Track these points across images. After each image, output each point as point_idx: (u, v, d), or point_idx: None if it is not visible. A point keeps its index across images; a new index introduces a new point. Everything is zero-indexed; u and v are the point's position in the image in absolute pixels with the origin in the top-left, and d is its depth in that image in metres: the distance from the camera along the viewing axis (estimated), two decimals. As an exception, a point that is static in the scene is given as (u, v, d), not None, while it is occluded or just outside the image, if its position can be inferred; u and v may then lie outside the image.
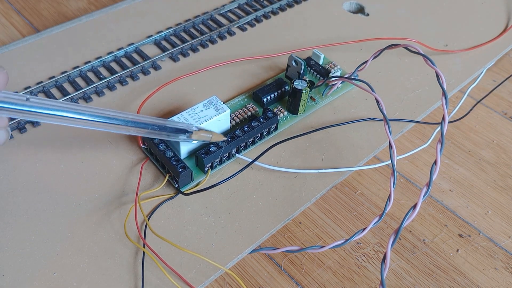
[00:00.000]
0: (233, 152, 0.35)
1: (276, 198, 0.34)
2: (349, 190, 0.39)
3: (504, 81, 0.50)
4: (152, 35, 0.46)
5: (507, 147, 0.44)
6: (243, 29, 0.48)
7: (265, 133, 0.37)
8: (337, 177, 0.36)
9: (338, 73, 0.42)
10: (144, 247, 0.30)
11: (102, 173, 0.35)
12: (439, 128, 0.32)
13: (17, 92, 0.39)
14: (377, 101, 0.34)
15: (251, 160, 0.35)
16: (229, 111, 0.35)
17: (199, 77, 0.42)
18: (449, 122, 0.45)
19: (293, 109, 0.39)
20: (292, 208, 0.34)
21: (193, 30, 0.48)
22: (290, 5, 0.52)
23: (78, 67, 0.42)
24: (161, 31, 0.47)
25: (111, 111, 0.29)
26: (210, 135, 0.33)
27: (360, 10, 0.53)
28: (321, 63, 0.43)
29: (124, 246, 0.31)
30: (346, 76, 0.40)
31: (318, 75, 0.42)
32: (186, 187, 0.34)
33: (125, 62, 0.44)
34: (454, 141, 0.44)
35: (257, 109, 0.39)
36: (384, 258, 0.28)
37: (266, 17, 0.50)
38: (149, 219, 0.32)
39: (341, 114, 0.41)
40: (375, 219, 0.30)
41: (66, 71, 0.42)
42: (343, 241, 0.30)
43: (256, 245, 0.32)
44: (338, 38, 0.48)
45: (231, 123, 0.37)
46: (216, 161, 0.35)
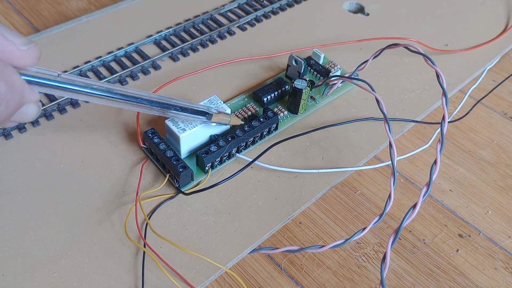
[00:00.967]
0: (233, 151, 0.35)
1: (276, 198, 0.34)
2: (349, 190, 0.39)
3: (504, 81, 0.50)
4: (152, 35, 0.46)
5: (507, 147, 0.44)
6: (243, 29, 0.48)
7: (265, 133, 0.37)
8: (337, 177, 0.36)
9: (338, 73, 0.42)
10: (144, 246, 0.30)
11: (102, 173, 0.35)
12: (439, 128, 0.32)
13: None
14: (377, 101, 0.34)
15: (251, 159, 0.35)
16: (229, 110, 0.35)
17: (199, 77, 0.42)
18: (449, 122, 0.45)
19: (293, 109, 0.39)
20: (292, 208, 0.34)
21: (193, 30, 0.48)
22: (290, 5, 0.52)
23: (78, 66, 0.42)
24: (161, 31, 0.47)
25: (136, 91, 0.30)
26: (228, 119, 0.34)
27: (360, 10, 0.53)
28: (321, 62, 0.43)
29: (124, 246, 0.31)
30: (346, 75, 0.40)
31: (318, 75, 0.42)
32: (186, 186, 0.34)
33: (125, 62, 0.44)
34: (454, 141, 0.44)
35: (257, 109, 0.39)
36: (384, 258, 0.28)
37: (266, 17, 0.50)
38: (149, 219, 0.32)
39: (341, 113, 0.41)
40: (375, 219, 0.30)
41: (66, 71, 0.42)
42: (343, 241, 0.30)
43: (256, 245, 0.32)
44: (338, 38, 0.48)
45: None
46: (216, 160, 0.35)
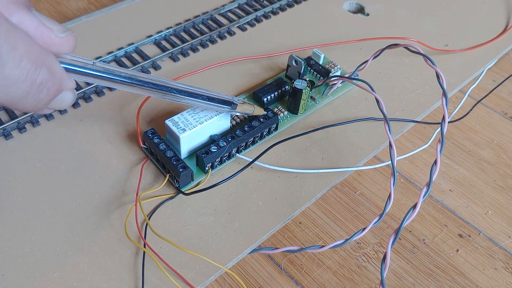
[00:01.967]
0: (233, 152, 0.35)
1: (276, 198, 0.34)
2: (349, 190, 0.39)
3: (504, 81, 0.50)
4: (152, 35, 0.46)
5: (507, 147, 0.44)
6: (243, 29, 0.48)
7: (265, 133, 0.37)
8: (337, 177, 0.36)
9: (338, 73, 0.42)
10: (144, 247, 0.30)
11: (102, 173, 0.35)
12: (439, 128, 0.32)
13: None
14: (377, 101, 0.34)
15: (251, 159, 0.35)
16: (229, 111, 0.35)
17: (199, 77, 0.42)
18: (449, 122, 0.45)
19: (293, 109, 0.39)
20: (292, 208, 0.34)
21: (193, 30, 0.48)
22: (290, 5, 0.52)
23: (78, 67, 0.42)
24: (161, 31, 0.47)
25: (167, 81, 0.30)
26: (252, 108, 0.35)
27: (360, 10, 0.53)
28: (321, 62, 0.43)
29: (124, 246, 0.31)
30: (346, 75, 0.40)
31: (318, 75, 0.42)
32: (186, 187, 0.34)
33: (125, 62, 0.44)
34: (454, 141, 0.44)
35: (257, 109, 0.39)
36: (384, 258, 0.28)
37: (266, 17, 0.50)
38: (149, 219, 0.32)
39: (341, 114, 0.41)
40: (375, 219, 0.30)
41: (66, 71, 0.42)
42: (343, 241, 0.30)
43: (256, 245, 0.32)
44: (338, 38, 0.48)
45: (231, 122, 0.37)
46: (216, 161, 0.35)
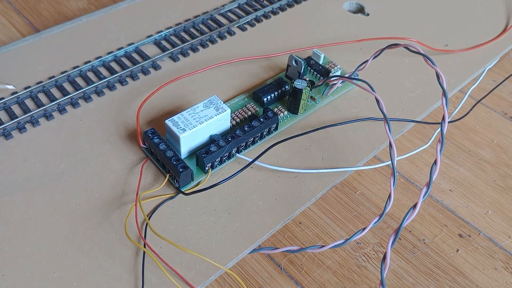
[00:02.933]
0: (233, 151, 0.35)
1: (276, 198, 0.34)
2: (349, 190, 0.39)
3: (504, 81, 0.50)
4: (152, 35, 0.46)
5: (507, 147, 0.44)
6: (243, 29, 0.48)
7: (265, 133, 0.37)
8: (337, 177, 0.36)
9: (338, 73, 0.42)
10: (144, 246, 0.30)
11: (102, 173, 0.35)
12: (439, 128, 0.32)
13: (16, 92, 0.39)
14: (377, 101, 0.34)
15: (251, 159, 0.35)
16: (229, 110, 0.35)
17: (199, 77, 0.42)
18: (449, 122, 0.45)
19: (293, 109, 0.39)
20: (292, 208, 0.34)
21: (193, 30, 0.48)
22: (290, 5, 0.52)
23: (78, 66, 0.42)
24: (161, 31, 0.47)
25: None
26: None
27: (360, 10, 0.53)
28: (321, 62, 0.43)
29: (124, 246, 0.31)
30: (346, 75, 0.40)
31: (318, 75, 0.42)
32: (186, 186, 0.34)
33: (125, 61, 0.44)
34: (454, 141, 0.44)
35: (257, 109, 0.39)
36: (384, 258, 0.28)
37: (266, 17, 0.50)
38: (149, 219, 0.32)
39: (341, 113, 0.41)
40: (375, 219, 0.30)
41: (66, 71, 0.42)
42: (343, 241, 0.30)
43: (256, 245, 0.32)
44: (338, 38, 0.48)
45: (231, 122, 0.37)
46: (216, 160, 0.35)
